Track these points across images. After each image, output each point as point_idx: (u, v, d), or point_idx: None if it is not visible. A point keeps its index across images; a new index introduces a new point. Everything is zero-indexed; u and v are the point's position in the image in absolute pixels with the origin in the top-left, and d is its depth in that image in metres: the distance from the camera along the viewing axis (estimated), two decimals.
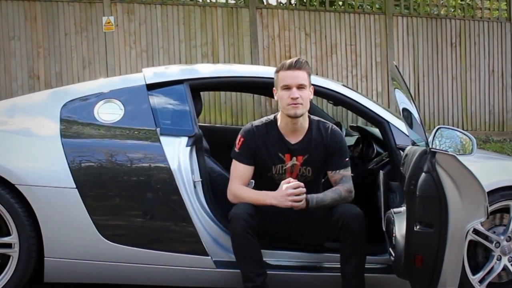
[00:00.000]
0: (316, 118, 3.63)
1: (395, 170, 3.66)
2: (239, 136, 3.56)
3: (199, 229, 3.53)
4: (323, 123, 3.61)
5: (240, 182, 3.50)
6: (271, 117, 3.61)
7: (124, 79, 3.97)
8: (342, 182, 3.52)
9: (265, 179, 3.57)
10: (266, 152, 3.53)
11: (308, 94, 3.47)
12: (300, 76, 3.42)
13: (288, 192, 3.35)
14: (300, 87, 3.42)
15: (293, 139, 3.54)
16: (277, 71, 3.51)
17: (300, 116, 3.45)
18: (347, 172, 3.56)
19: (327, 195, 3.44)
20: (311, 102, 3.60)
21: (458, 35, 10.44)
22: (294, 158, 3.53)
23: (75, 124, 3.66)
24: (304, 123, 3.54)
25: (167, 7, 9.27)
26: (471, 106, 10.51)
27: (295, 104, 3.40)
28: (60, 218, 3.49)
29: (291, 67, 3.43)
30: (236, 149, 3.55)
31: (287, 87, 3.42)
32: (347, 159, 3.58)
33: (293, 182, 3.38)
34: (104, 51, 9.07)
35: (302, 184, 3.39)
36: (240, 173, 3.52)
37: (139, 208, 3.54)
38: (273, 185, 3.48)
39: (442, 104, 10.35)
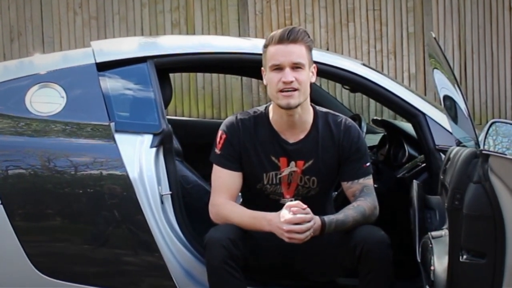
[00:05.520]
0: (323, 109, 3.63)
1: (434, 180, 3.68)
2: (219, 132, 3.56)
3: (168, 259, 3.54)
4: (334, 116, 3.61)
5: (225, 195, 3.49)
6: (262, 108, 3.61)
7: (66, 56, 3.99)
8: (364, 195, 3.50)
9: (254, 193, 3.57)
10: (254, 155, 3.52)
11: (308, 76, 3.45)
12: (295, 51, 3.41)
13: (286, 227, 3.24)
14: (296, 66, 3.40)
15: (292, 138, 3.54)
16: (265, 46, 3.49)
17: (297, 106, 3.44)
18: (369, 181, 3.56)
19: (349, 216, 3.39)
20: (319, 88, 3.61)
21: None
22: (293, 163, 3.52)
23: None
24: (306, 115, 3.53)
25: None
26: None
27: (289, 91, 3.38)
28: None
29: (282, 39, 3.41)
30: (217, 151, 3.54)
31: (278, 67, 3.41)
32: (367, 164, 3.58)
33: (295, 207, 3.29)
34: (39, 18, 9.07)
35: (305, 211, 3.27)
36: (224, 182, 3.52)
37: (86, 231, 3.56)
38: (265, 201, 3.49)
39: (498, 90, 10.38)
